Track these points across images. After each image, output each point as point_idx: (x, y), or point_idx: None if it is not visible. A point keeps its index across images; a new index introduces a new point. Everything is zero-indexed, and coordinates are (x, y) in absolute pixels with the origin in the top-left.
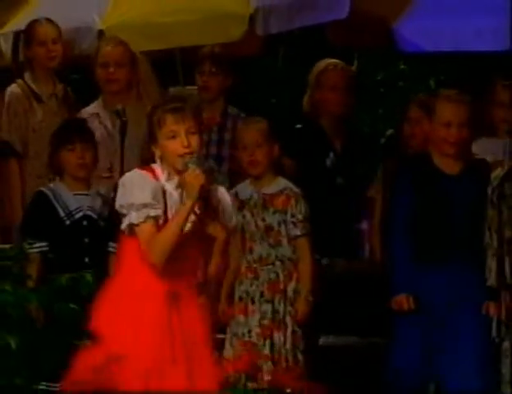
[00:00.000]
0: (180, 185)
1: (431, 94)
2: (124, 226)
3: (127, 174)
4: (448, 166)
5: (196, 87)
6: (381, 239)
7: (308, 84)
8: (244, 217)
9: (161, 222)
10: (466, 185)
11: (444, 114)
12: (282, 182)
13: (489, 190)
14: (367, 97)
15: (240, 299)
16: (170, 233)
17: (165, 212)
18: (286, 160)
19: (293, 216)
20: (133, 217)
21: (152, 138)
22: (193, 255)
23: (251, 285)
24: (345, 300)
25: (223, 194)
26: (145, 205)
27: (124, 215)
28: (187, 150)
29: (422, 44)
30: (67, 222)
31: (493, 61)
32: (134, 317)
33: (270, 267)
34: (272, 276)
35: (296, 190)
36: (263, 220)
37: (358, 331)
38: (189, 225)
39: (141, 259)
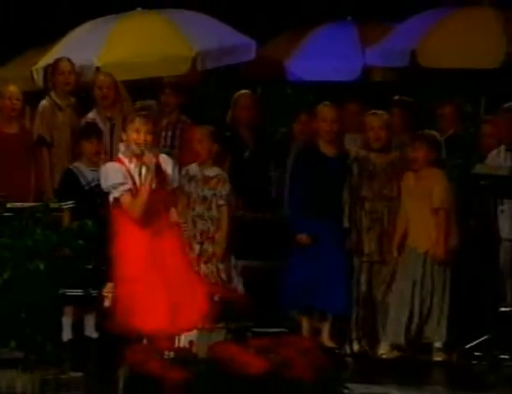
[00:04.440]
0: (142, 164)
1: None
2: (111, 200)
3: (103, 166)
4: (328, 150)
5: (154, 101)
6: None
7: (230, 105)
8: (190, 186)
9: (133, 190)
10: (338, 163)
11: (321, 114)
12: (217, 170)
13: (354, 165)
14: (268, 110)
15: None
16: (141, 198)
17: (134, 183)
18: (227, 155)
19: (220, 192)
20: (115, 193)
21: (124, 129)
22: (163, 205)
23: (192, 230)
24: (254, 236)
25: (164, 161)
26: (120, 184)
27: (109, 193)
28: (142, 142)
29: (302, 76)
30: (86, 188)
31: (346, 86)
32: (131, 251)
33: (204, 222)
34: (205, 228)
35: (225, 175)
36: (202, 191)
37: (263, 257)
38: (153, 185)
39: (127, 217)
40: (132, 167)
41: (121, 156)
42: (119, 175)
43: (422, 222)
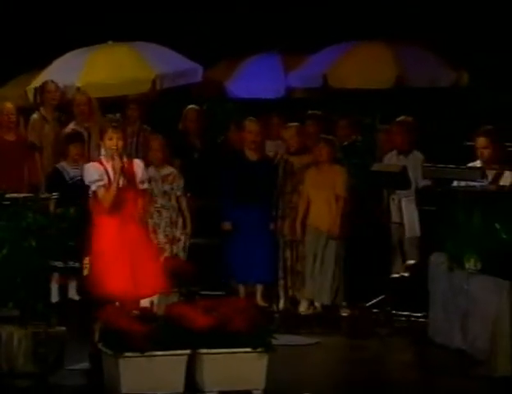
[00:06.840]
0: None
1: (244, 119)
2: (90, 192)
3: (85, 165)
4: (252, 156)
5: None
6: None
7: (181, 117)
8: (151, 184)
9: (107, 185)
10: (261, 166)
11: (247, 127)
12: (170, 169)
13: (279, 166)
14: (211, 121)
15: (153, 227)
16: (110, 192)
17: (109, 179)
18: (176, 160)
19: (177, 185)
20: (93, 187)
21: (101, 138)
22: (131, 199)
23: (158, 219)
24: (202, 221)
25: (137, 165)
26: (97, 180)
27: (89, 186)
28: (115, 147)
29: (238, 94)
30: (69, 182)
31: (272, 102)
32: (102, 237)
33: (167, 211)
34: (169, 215)
35: (177, 172)
36: (162, 187)
37: (208, 235)
38: (121, 183)
39: (101, 206)
40: (109, 166)
41: (102, 157)
42: (96, 173)
43: (326, 207)
